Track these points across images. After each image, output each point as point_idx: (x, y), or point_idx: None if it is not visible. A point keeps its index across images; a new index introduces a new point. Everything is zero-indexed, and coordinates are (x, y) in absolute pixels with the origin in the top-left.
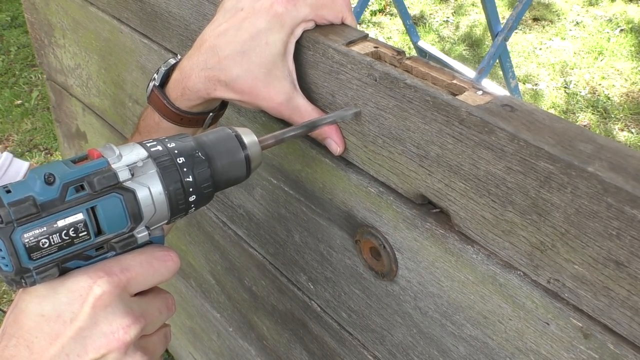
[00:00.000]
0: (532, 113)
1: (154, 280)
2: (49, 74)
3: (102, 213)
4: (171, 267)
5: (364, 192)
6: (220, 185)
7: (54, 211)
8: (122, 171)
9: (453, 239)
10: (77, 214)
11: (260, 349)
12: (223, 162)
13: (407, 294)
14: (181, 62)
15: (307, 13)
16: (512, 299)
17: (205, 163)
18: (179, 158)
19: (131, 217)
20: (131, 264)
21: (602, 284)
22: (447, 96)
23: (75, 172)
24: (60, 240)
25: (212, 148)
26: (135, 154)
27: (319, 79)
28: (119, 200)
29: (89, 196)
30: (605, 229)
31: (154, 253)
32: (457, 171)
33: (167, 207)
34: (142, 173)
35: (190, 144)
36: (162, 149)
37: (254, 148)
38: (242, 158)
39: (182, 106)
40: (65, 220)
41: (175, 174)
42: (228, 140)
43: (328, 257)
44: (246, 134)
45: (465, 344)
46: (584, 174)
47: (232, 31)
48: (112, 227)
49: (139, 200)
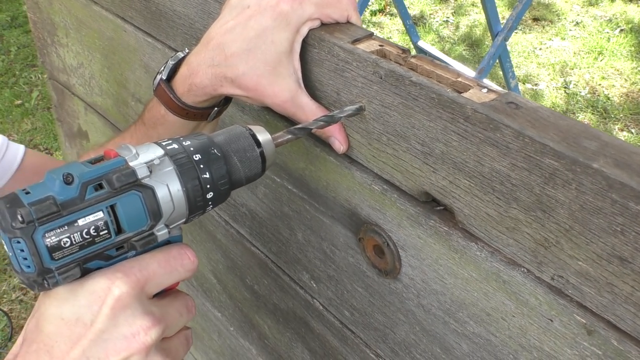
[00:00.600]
0: (537, 110)
1: (172, 279)
2: (51, 73)
3: (122, 211)
4: (188, 266)
5: (367, 189)
6: (237, 182)
7: (74, 210)
8: (140, 168)
9: (457, 236)
10: (98, 212)
11: (262, 348)
12: (239, 159)
13: (410, 292)
14: (188, 58)
15: (312, 11)
16: (516, 296)
17: (222, 160)
18: (196, 155)
19: (151, 214)
20: (149, 262)
21: (606, 280)
22: (452, 93)
23: (94, 171)
24: (81, 239)
25: (228, 146)
26: (152, 152)
27: (324, 76)
28: (138, 197)
29: (109, 194)
30: (610, 225)
31: (170, 252)
32: (462, 168)
33: (185, 204)
34: (160, 171)
35: (205, 141)
36: (179, 147)
37: (269, 145)
38: (257, 155)
39: (188, 101)
40: (85, 219)
41: (193, 171)
42: (243, 138)
43: (331, 255)
44: (260, 131)
45: (469, 341)
46: (589, 170)
47: (238, 29)
48: (132, 225)
49: (158, 198)
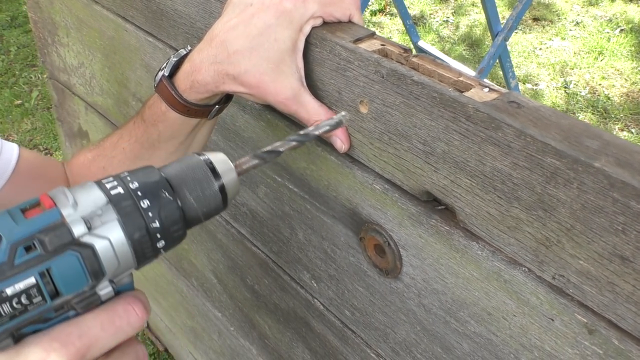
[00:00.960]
0: (539, 110)
1: (116, 340)
2: (52, 73)
3: (58, 274)
4: (135, 324)
5: (369, 189)
6: (193, 222)
7: (1, 278)
8: (77, 225)
9: (458, 236)
10: (29, 278)
11: (262, 348)
12: (194, 197)
13: (411, 291)
14: (191, 55)
15: (315, 10)
16: (517, 295)
17: (174, 204)
18: (143, 201)
19: (91, 274)
20: (90, 326)
21: (607, 279)
22: (454, 93)
23: (24, 230)
24: (11, 309)
25: (181, 181)
26: (93, 200)
27: (326, 76)
28: (75, 258)
29: (41, 257)
30: (611, 224)
31: (115, 309)
32: (463, 167)
33: (132, 256)
34: (101, 223)
35: (155, 180)
36: (124, 192)
37: (229, 175)
38: (215, 189)
39: (190, 98)
40: (15, 287)
41: (140, 220)
42: (198, 170)
43: (332, 254)
44: (219, 160)
45: (469, 341)
46: (591, 169)
47: (241, 26)
48: (69, 287)
49: (98, 256)
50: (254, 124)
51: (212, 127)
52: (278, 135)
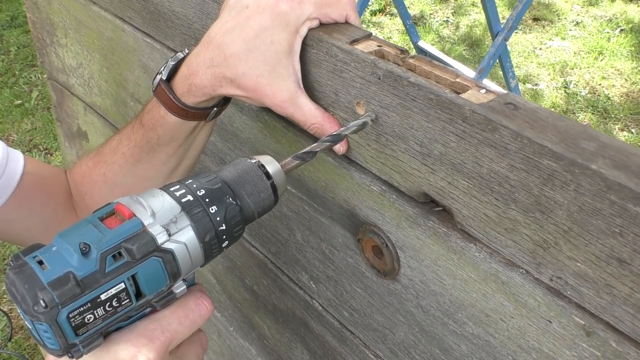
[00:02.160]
0: (535, 111)
1: (192, 331)
2: (51, 74)
3: (143, 278)
4: (205, 315)
5: (366, 190)
6: (250, 220)
7: (96, 286)
8: (159, 234)
9: (455, 237)
10: (119, 284)
11: (261, 349)
12: (251, 197)
13: (409, 293)
14: (188, 59)
15: (311, 11)
16: (515, 297)
17: (237, 207)
18: (212, 207)
19: (170, 275)
20: (170, 322)
21: (605, 281)
22: (450, 94)
23: (111, 240)
24: (104, 312)
25: (238, 184)
26: (168, 209)
27: (323, 77)
28: (158, 263)
29: (129, 264)
30: (608, 227)
31: (188, 304)
32: (460, 169)
33: (202, 257)
34: (177, 230)
35: (218, 187)
36: (193, 199)
37: (279, 175)
38: (268, 187)
39: (187, 101)
40: (108, 292)
41: (209, 225)
42: (253, 173)
43: (330, 255)
44: (268, 162)
45: (467, 342)
46: (587, 171)
47: (238, 29)
48: (152, 288)
49: (177, 260)
50: (252, 125)
51: (211, 129)
52: (275, 136)
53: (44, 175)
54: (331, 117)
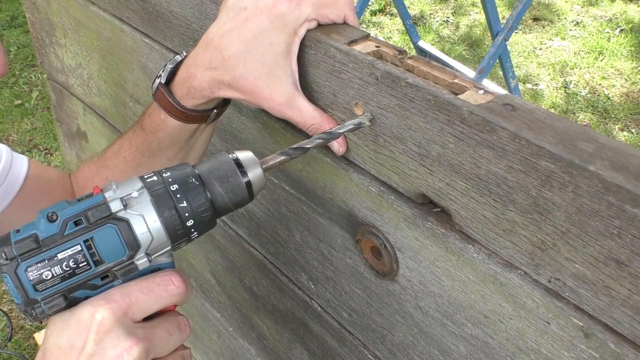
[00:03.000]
0: (534, 112)
1: (158, 305)
2: (50, 74)
3: (100, 243)
4: (173, 291)
5: (364, 191)
6: (222, 209)
7: (53, 245)
8: (114, 202)
9: (454, 238)
10: (75, 246)
11: (261, 349)
12: (221, 186)
13: (407, 294)
14: (186, 61)
15: (309, 12)
16: (513, 298)
17: (200, 188)
18: (173, 185)
19: (128, 245)
20: (131, 290)
21: (603, 283)
22: (448, 95)
23: (75, 208)
24: (61, 271)
25: (210, 174)
26: (131, 186)
27: (321, 78)
28: (113, 230)
29: (86, 229)
30: (607, 228)
31: (154, 279)
32: (458, 170)
33: (164, 233)
34: (137, 203)
35: (185, 171)
36: (157, 179)
37: (255, 171)
38: (241, 182)
39: (187, 104)
40: (64, 252)
41: (169, 201)
42: (226, 165)
43: (329, 256)
44: (247, 158)
45: (466, 344)
46: (585, 172)
47: (236, 31)
48: (110, 256)
49: (133, 229)
50: (251, 126)
51: (212, 132)
52: (274, 137)
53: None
54: (330, 118)
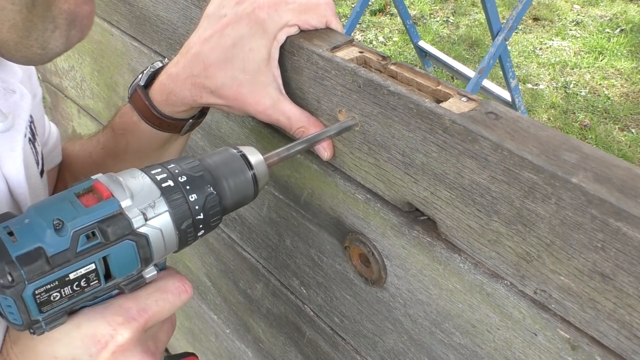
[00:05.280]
0: (517, 121)
1: (169, 314)
2: (44, 76)
3: (114, 260)
4: (185, 299)
5: (351, 198)
6: (228, 209)
7: (65, 265)
8: (136, 218)
9: (440, 247)
10: (90, 264)
11: (257, 351)
12: (231, 185)
13: (396, 301)
14: (168, 68)
15: (289, 18)
16: (500, 309)
17: (217, 198)
18: (192, 195)
19: (142, 260)
20: (148, 303)
21: (589, 295)
22: (430, 104)
23: (86, 218)
24: (71, 292)
25: (220, 172)
26: (148, 192)
27: (305, 84)
28: (132, 246)
29: (102, 245)
30: (590, 241)
31: (167, 286)
32: (442, 180)
33: (176, 243)
34: (155, 215)
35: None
36: (174, 185)
37: (261, 167)
38: (249, 178)
39: (164, 110)
40: (77, 272)
41: (187, 213)
42: (234, 162)
43: (319, 262)
44: (252, 153)
45: (455, 352)
46: (568, 184)
47: (215, 38)
48: (122, 271)
49: (151, 245)
50: (239, 131)
51: (182, 147)
52: (262, 142)
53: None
54: (317, 121)
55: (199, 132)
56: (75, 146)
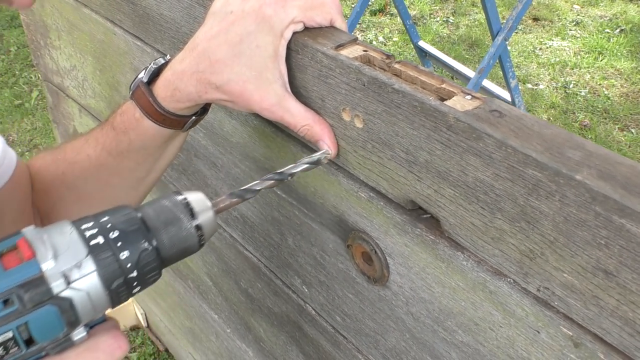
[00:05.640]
0: (521, 119)
1: None
2: (46, 75)
3: (35, 326)
4: (118, 356)
5: (354, 196)
6: (169, 261)
7: None
8: (57, 282)
9: (443, 245)
10: (6, 332)
11: (258, 351)
12: (172, 236)
13: (399, 299)
14: (172, 64)
15: (295, 15)
16: (503, 307)
17: (154, 253)
18: (123, 253)
19: (67, 324)
20: None
21: (592, 293)
22: (434, 102)
23: (4, 282)
24: None
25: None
26: (74, 252)
27: (308, 83)
28: (53, 312)
29: (19, 312)
30: (594, 238)
31: (98, 345)
32: (446, 177)
33: (108, 303)
34: (80, 276)
35: (135, 228)
36: (103, 243)
37: (206, 215)
38: (190, 228)
39: (168, 107)
40: None
41: (118, 272)
42: (176, 210)
43: (321, 261)
44: (196, 199)
45: (458, 350)
46: (572, 182)
47: (222, 35)
48: (45, 336)
49: (76, 308)
50: (242, 130)
51: (182, 143)
52: (265, 141)
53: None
54: (321, 119)
55: (201, 131)
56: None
